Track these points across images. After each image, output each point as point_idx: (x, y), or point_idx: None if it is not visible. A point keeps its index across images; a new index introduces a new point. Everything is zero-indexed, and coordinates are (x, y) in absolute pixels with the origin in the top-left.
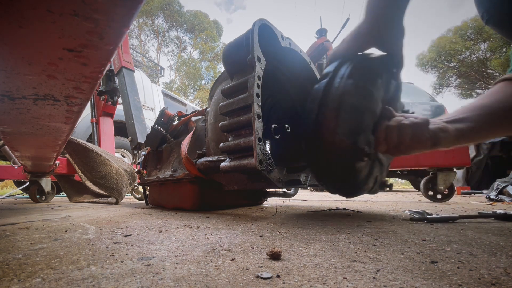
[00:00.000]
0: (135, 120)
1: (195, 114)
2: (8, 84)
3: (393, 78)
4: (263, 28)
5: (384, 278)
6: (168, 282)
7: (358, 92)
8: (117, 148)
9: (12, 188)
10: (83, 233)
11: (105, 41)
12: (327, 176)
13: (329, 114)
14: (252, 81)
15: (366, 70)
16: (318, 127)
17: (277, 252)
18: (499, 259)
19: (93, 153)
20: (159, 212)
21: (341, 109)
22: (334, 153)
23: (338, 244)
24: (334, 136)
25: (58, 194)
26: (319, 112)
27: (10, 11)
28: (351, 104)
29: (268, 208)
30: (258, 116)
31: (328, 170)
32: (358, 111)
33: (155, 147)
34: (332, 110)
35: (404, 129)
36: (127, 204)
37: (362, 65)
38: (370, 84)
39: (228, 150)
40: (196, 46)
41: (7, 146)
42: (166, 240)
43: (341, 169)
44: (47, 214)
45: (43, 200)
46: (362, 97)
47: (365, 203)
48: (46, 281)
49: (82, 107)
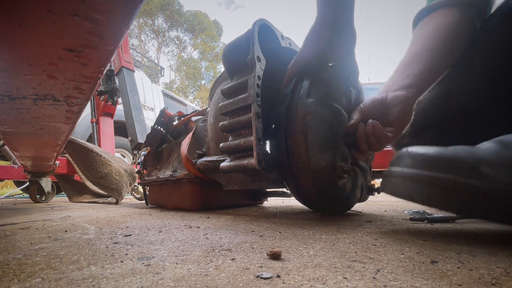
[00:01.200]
0: (135, 120)
1: (195, 114)
2: (8, 84)
3: (351, 86)
4: (263, 28)
5: (384, 278)
6: (168, 282)
7: (320, 109)
8: (117, 148)
9: (12, 188)
10: (83, 233)
11: (105, 41)
12: (310, 200)
13: (297, 139)
14: (252, 81)
15: (323, 84)
16: (289, 154)
17: (277, 252)
18: (499, 259)
19: (93, 153)
20: (159, 212)
21: (308, 131)
22: (313, 178)
23: (338, 244)
24: (308, 159)
25: (58, 194)
26: (286, 139)
27: (10, 11)
28: (316, 124)
29: (268, 208)
30: (258, 116)
31: (312, 195)
32: (325, 128)
33: (155, 147)
34: (299, 134)
35: (377, 126)
36: (127, 204)
37: (318, 79)
38: (331, 97)
39: (228, 150)
40: (196, 46)
41: (7, 146)
42: (166, 240)
43: (323, 191)
44: (47, 214)
45: (43, 200)
46: (326, 113)
47: (365, 203)
48: (46, 281)
49: (82, 107)
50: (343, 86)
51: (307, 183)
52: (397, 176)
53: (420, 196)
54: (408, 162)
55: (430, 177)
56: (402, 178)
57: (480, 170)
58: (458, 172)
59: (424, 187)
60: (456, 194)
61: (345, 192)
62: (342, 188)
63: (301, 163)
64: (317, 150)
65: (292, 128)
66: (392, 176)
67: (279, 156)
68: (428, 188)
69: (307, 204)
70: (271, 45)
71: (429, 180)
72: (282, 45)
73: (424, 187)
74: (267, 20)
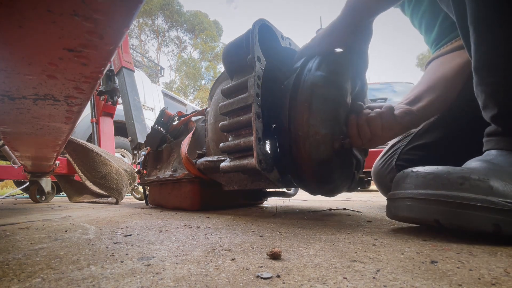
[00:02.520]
0: (135, 120)
1: (195, 114)
2: (8, 84)
3: (357, 76)
4: (263, 28)
5: (384, 278)
6: (168, 282)
7: (327, 83)
8: (117, 148)
9: (12, 188)
10: (83, 233)
11: (105, 41)
12: (304, 173)
13: (300, 106)
14: (252, 81)
15: (333, 63)
16: (291, 121)
17: (277, 252)
18: (499, 259)
19: (93, 153)
20: (159, 212)
21: (312, 100)
22: (309, 146)
23: (338, 244)
24: (308, 127)
25: (58, 194)
26: (290, 106)
27: (10, 11)
28: (321, 94)
29: (268, 208)
30: (258, 116)
31: (305, 166)
32: (329, 101)
33: (155, 147)
34: (303, 102)
35: (374, 121)
36: (127, 204)
37: (328, 59)
38: (338, 76)
39: (228, 150)
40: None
41: (7, 146)
42: (166, 240)
43: (317, 163)
44: (47, 214)
45: (43, 200)
46: (332, 88)
47: (365, 203)
48: (46, 281)
49: (82, 107)
50: (350, 73)
51: (304, 153)
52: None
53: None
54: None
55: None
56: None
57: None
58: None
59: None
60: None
61: (338, 172)
62: (336, 165)
63: (301, 131)
64: (319, 120)
65: (298, 97)
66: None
67: (279, 124)
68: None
69: (297, 176)
70: (271, 45)
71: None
72: (282, 45)
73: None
74: (267, 20)
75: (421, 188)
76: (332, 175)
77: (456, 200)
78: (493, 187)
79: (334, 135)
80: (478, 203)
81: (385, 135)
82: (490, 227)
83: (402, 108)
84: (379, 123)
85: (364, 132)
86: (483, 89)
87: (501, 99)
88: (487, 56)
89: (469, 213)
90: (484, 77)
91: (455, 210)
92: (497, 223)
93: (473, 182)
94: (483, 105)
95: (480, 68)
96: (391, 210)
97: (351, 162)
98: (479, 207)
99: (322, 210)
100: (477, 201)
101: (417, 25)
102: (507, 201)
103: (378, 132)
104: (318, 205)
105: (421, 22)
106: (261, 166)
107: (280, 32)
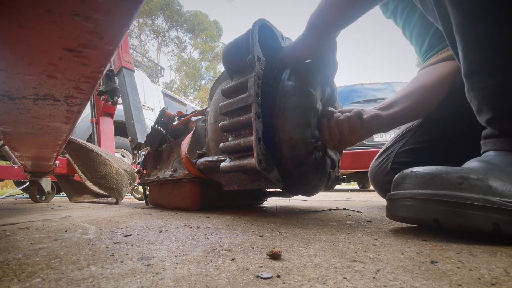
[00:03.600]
0: (135, 120)
1: (195, 114)
2: (8, 84)
3: (326, 82)
4: (263, 28)
5: (384, 278)
6: (168, 282)
7: (297, 92)
8: (117, 148)
9: (12, 188)
10: (83, 233)
11: (105, 41)
12: (284, 175)
13: (275, 114)
14: (252, 81)
15: (302, 73)
16: (269, 129)
17: (277, 252)
18: (499, 259)
19: (93, 153)
20: (159, 212)
21: (285, 108)
22: (285, 150)
23: (338, 244)
24: (283, 133)
25: (58, 194)
26: (270, 114)
27: (10, 11)
28: (293, 102)
29: (268, 208)
30: (258, 116)
31: (283, 168)
32: (301, 108)
33: (155, 147)
34: (277, 110)
35: (342, 124)
36: (127, 204)
37: (298, 69)
38: (307, 85)
39: (228, 150)
40: (196, 46)
41: (7, 146)
42: (166, 240)
43: (293, 165)
44: (47, 214)
45: (43, 200)
46: (302, 96)
47: (365, 203)
48: (46, 281)
49: (82, 107)
50: (320, 80)
51: (282, 156)
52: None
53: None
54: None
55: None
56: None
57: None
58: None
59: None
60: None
61: (313, 172)
62: (311, 168)
63: (277, 136)
64: (292, 125)
65: (274, 106)
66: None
67: (267, 132)
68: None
69: (284, 178)
70: (271, 45)
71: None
72: (282, 45)
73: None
74: (267, 20)
75: (421, 188)
76: (308, 176)
77: (456, 200)
78: (492, 187)
79: (307, 139)
80: (477, 203)
81: (351, 137)
82: (489, 227)
83: (371, 112)
84: (347, 126)
85: (335, 134)
86: (475, 94)
87: (494, 102)
88: (475, 62)
89: (469, 212)
90: (475, 82)
91: (455, 210)
92: (496, 222)
93: (472, 182)
94: (477, 109)
95: (470, 74)
96: (391, 210)
97: (326, 162)
98: (478, 207)
99: (322, 210)
100: (476, 201)
101: (408, 36)
102: (506, 201)
103: (346, 134)
104: (318, 205)
105: (412, 33)
106: (261, 166)
107: (280, 32)
